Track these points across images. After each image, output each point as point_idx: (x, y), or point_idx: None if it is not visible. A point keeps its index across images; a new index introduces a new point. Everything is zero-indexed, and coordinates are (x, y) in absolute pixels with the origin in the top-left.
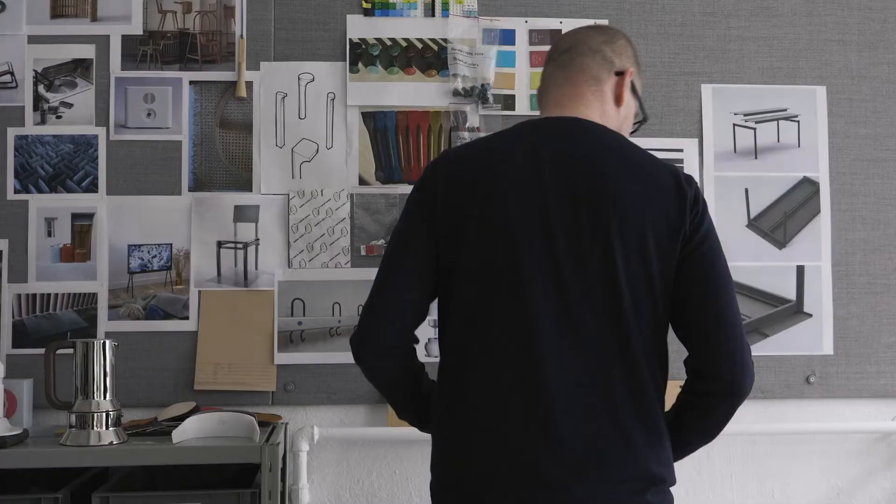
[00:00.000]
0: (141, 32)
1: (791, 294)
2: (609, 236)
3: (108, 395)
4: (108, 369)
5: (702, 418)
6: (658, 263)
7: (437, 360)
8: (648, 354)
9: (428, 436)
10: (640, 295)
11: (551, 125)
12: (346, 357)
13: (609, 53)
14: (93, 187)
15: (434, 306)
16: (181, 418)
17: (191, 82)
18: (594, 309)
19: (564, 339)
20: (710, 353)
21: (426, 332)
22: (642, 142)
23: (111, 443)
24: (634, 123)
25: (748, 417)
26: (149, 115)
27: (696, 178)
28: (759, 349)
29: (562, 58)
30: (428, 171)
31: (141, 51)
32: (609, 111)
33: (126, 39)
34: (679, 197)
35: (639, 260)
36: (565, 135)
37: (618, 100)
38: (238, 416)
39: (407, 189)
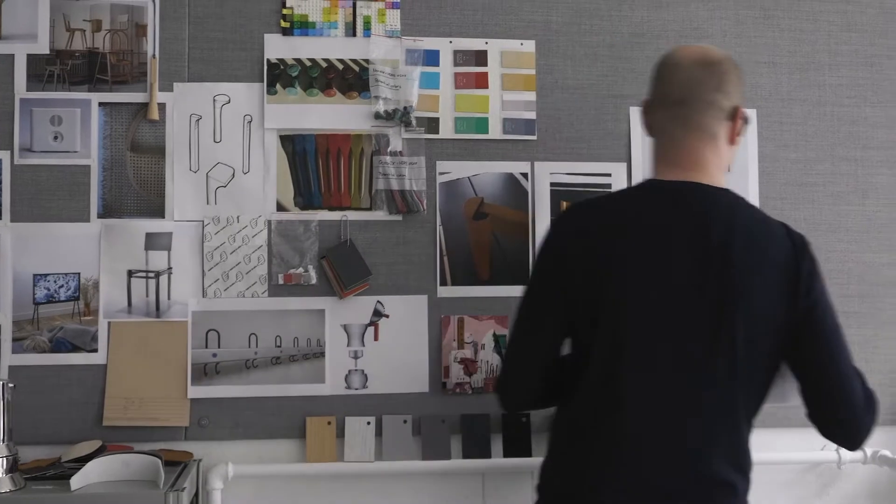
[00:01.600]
0: (48, 52)
1: None
2: (733, 321)
3: (4, 438)
4: (2, 411)
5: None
6: (775, 338)
7: None
8: (750, 417)
9: (349, 472)
10: (756, 369)
11: (677, 196)
12: (263, 390)
13: (722, 101)
14: None
15: None
16: (85, 459)
17: (100, 104)
18: (713, 381)
19: (685, 409)
20: (831, 407)
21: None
22: (573, 167)
23: (9, 490)
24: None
25: None
26: (56, 138)
27: None
28: None
29: (677, 111)
30: (556, 237)
31: (48, 71)
32: (723, 156)
33: (32, 59)
34: (797, 272)
35: (759, 339)
36: (692, 211)
37: (731, 140)
38: (143, 458)
39: (327, 215)
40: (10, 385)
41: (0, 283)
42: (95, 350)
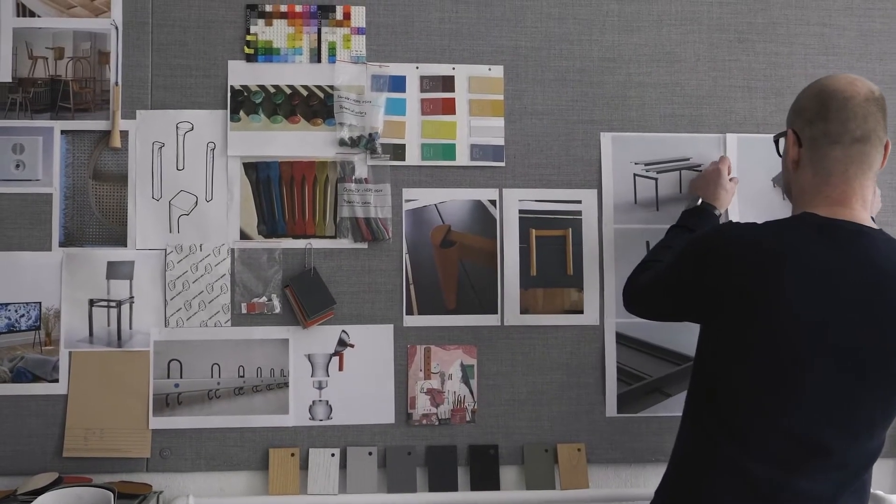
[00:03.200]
0: (10, 79)
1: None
2: (879, 377)
3: None
4: None
5: None
6: None
7: None
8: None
9: None
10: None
11: (839, 236)
12: (226, 421)
13: (884, 137)
14: None
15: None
16: (41, 491)
17: (62, 132)
18: (844, 431)
19: (818, 457)
20: None
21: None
22: (543, 193)
23: None
24: None
25: (652, 482)
26: (17, 166)
27: (595, 231)
28: (661, 409)
29: (859, 149)
30: (714, 249)
31: (10, 99)
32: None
33: None
34: None
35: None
36: (851, 258)
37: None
38: (96, 492)
39: (292, 244)
40: None
41: None
42: (56, 380)
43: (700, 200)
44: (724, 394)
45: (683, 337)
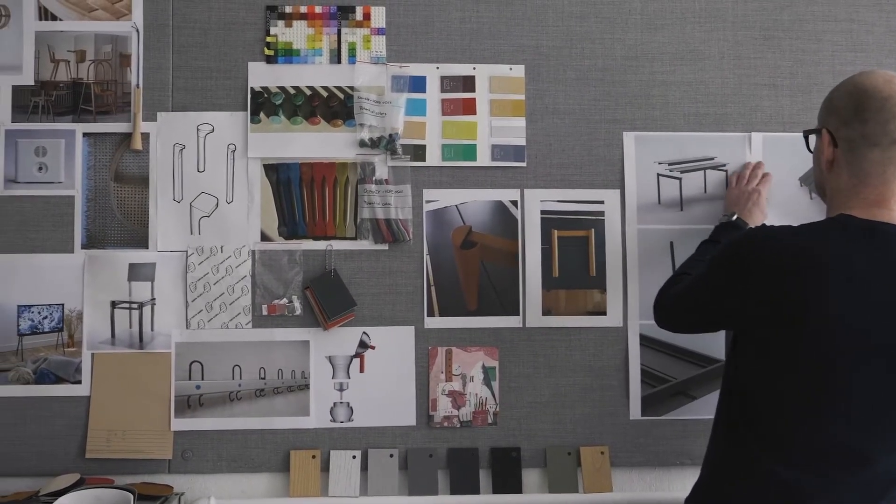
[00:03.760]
0: (32, 83)
1: (720, 354)
2: None
3: None
4: None
5: None
6: None
7: None
8: None
9: None
10: None
11: (879, 238)
12: (247, 423)
13: None
14: None
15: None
16: (63, 492)
17: (84, 134)
18: (888, 437)
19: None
20: None
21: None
22: (564, 194)
23: None
24: None
25: (676, 485)
26: (40, 169)
27: (618, 232)
28: (685, 412)
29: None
30: (746, 255)
31: (32, 102)
32: None
33: (17, 90)
34: None
35: None
36: (892, 260)
37: None
38: (115, 493)
39: (312, 245)
40: None
41: None
42: (79, 381)
43: (735, 216)
44: (761, 402)
45: (709, 339)
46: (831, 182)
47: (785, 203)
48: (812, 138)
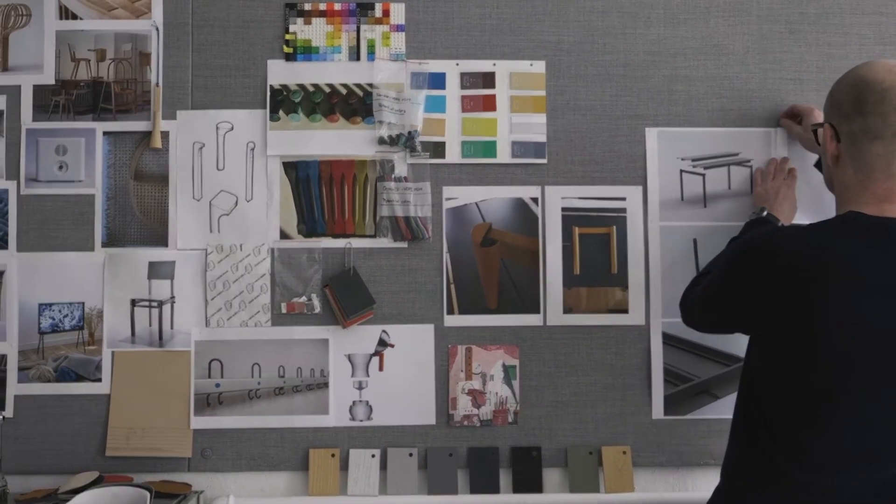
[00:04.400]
0: (53, 82)
1: (744, 352)
2: None
3: None
4: None
5: None
6: None
7: None
8: None
9: None
10: None
11: (891, 236)
12: (266, 421)
13: None
14: (2, 244)
15: None
16: (82, 490)
17: (104, 133)
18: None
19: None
20: None
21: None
22: (586, 191)
23: None
24: None
25: (700, 486)
26: (61, 167)
27: (640, 229)
28: (709, 411)
29: None
30: (762, 256)
31: (53, 101)
32: None
33: (38, 89)
34: None
35: None
36: None
37: None
38: (133, 491)
39: (331, 243)
40: (1, 417)
41: (7, 313)
42: (99, 380)
43: (766, 212)
44: (778, 405)
45: (732, 337)
46: (838, 177)
47: (812, 199)
48: (820, 132)
